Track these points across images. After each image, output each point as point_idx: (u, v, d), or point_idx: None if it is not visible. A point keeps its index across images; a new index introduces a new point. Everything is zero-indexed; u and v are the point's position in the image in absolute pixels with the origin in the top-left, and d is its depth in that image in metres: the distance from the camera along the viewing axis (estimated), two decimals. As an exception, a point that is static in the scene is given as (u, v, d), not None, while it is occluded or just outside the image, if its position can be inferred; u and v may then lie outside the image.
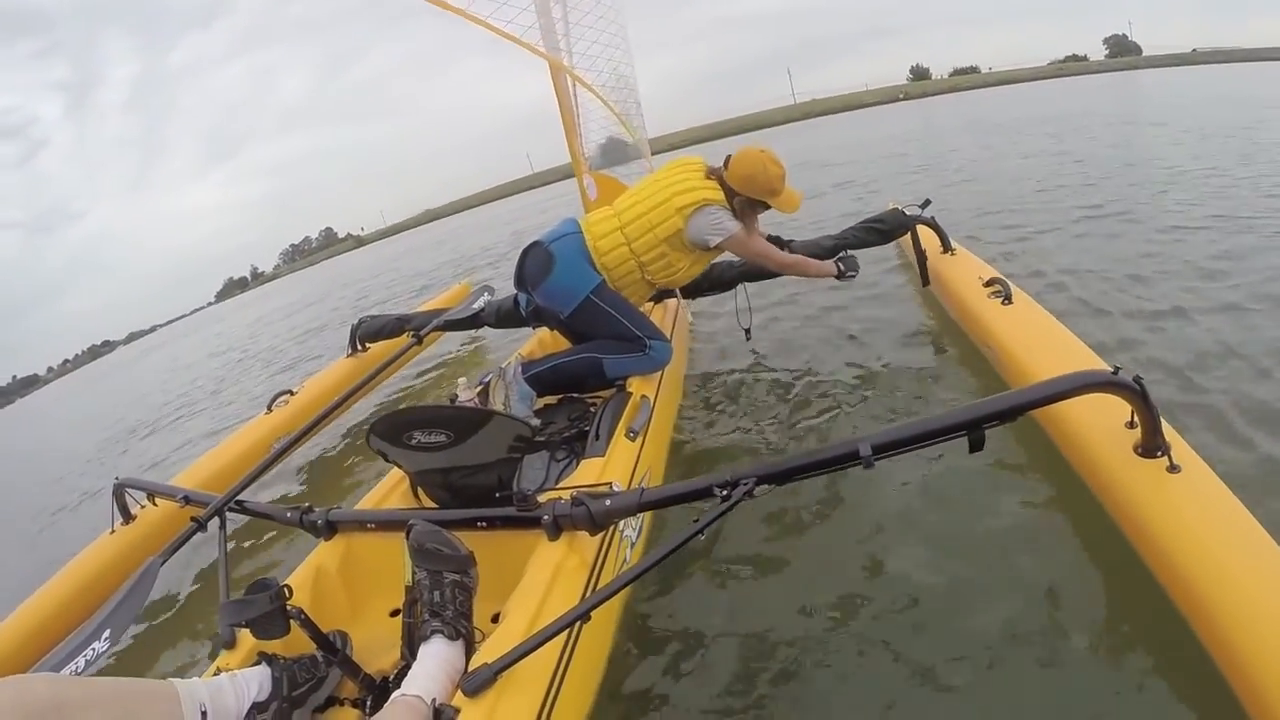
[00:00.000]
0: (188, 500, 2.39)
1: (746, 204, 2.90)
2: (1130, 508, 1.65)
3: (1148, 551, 1.60)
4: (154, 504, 2.79)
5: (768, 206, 2.94)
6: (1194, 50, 68.60)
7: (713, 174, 2.92)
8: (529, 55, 3.75)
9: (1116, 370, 1.57)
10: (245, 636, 1.61)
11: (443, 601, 1.45)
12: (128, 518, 2.89)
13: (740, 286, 3.59)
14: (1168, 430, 1.67)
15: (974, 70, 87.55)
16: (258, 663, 1.55)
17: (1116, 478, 1.71)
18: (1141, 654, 1.61)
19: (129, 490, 2.85)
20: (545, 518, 1.68)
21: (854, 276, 3.27)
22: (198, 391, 9.33)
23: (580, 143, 3.93)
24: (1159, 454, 1.64)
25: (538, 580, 1.55)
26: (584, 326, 2.82)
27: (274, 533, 3.05)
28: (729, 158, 2.90)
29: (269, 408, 3.86)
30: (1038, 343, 2.53)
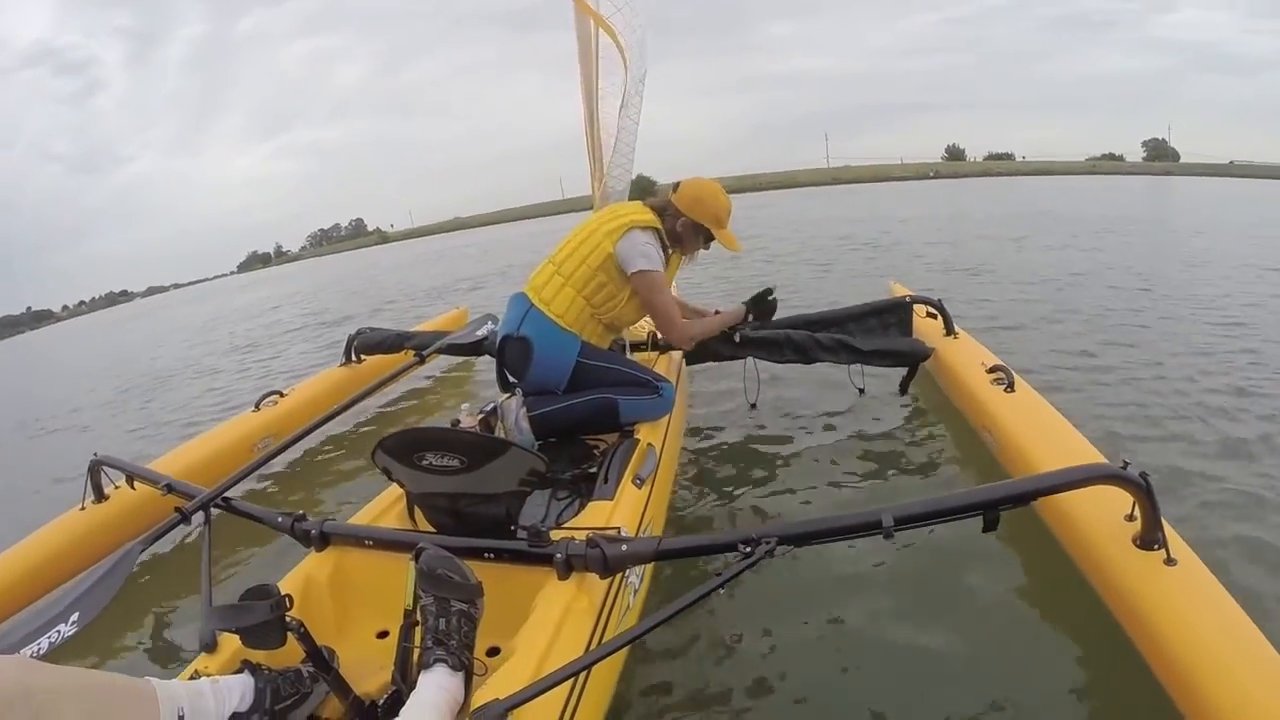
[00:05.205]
0: (171, 489, 2.33)
1: (690, 228, 2.92)
2: (1128, 597, 1.70)
3: (1144, 641, 1.65)
4: (131, 486, 2.70)
5: (711, 238, 2.97)
6: (1231, 162, 69.58)
7: (653, 205, 2.94)
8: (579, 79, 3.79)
9: (1125, 465, 1.63)
10: (226, 641, 1.56)
11: (448, 630, 1.40)
12: (100, 496, 2.81)
13: (750, 359, 3.55)
14: (1164, 524, 1.72)
15: (1009, 157, 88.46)
16: (239, 670, 1.49)
17: (1115, 567, 1.76)
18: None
19: (105, 468, 2.77)
20: (558, 556, 1.65)
21: (759, 326, 3.33)
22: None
23: (604, 174, 3.92)
24: (1156, 547, 1.70)
25: (547, 619, 1.52)
26: (586, 388, 2.78)
27: (252, 534, 2.93)
28: (679, 183, 2.94)
29: (256, 406, 3.79)
30: (1039, 433, 2.58)
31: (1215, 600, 1.59)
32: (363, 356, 4.44)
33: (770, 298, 3.36)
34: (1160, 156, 79.89)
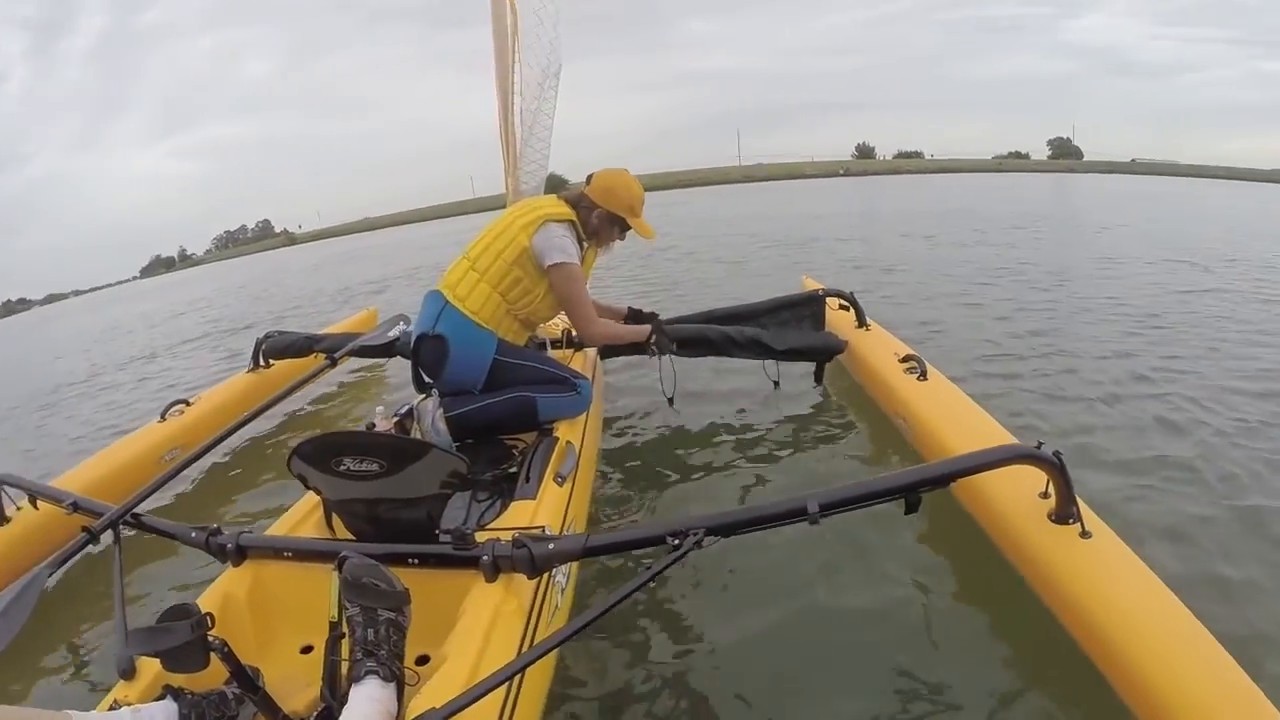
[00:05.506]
0: (77, 507, 2.19)
1: (605, 219, 2.91)
2: (1047, 571, 1.79)
3: (1064, 611, 1.74)
4: (34, 506, 2.55)
5: (627, 227, 2.97)
6: (1133, 160, 73.19)
7: (567, 198, 2.93)
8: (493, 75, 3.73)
9: (1040, 445, 1.72)
10: (146, 665, 1.48)
11: (377, 640, 1.36)
12: (1, 518, 2.65)
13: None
14: (1078, 500, 1.81)
15: (917, 155, 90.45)
16: (161, 696, 1.42)
17: (1033, 543, 1.85)
18: (1060, 708, 1.75)
19: (6, 488, 2.62)
20: (484, 558, 1.62)
21: (661, 354, 3.30)
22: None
23: (518, 172, 3.89)
24: (1072, 521, 1.79)
25: (477, 623, 1.50)
26: (503, 387, 2.75)
27: (164, 551, 2.78)
28: (592, 175, 2.95)
29: (162, 416, 3.63)
30: (952, 417, 2.69)
31: (1131, 568, 1.69)
32: (271, 361, 4.30)
33: (668, 325, 3.39)
34: (1064, 154, 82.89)
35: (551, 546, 1.63)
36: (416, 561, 1.73)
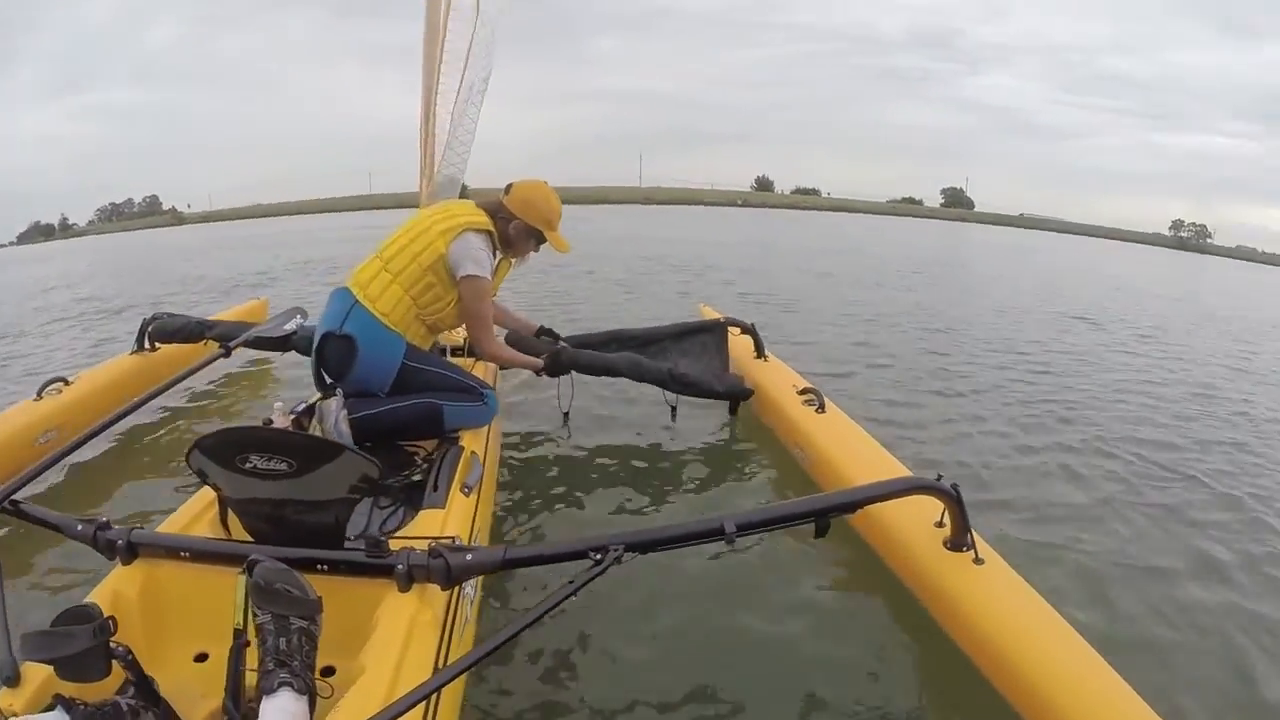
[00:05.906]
0: None
1: (523, 231, 2.91)
2: (942, 595, 1.95)
3: (958, 630, 1.88)
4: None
5: (543, 239, 2.97)
6: (1022, 214, 77.47)
7: (485, 206, 2.91)
8: (404, 74, 3.68)
9: (939, 477, 1.87)
10: (31, 672, 1.35)
11: (289, 650, 1.31)
12: None
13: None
14: (971, 529, 1.95)
15: (815, 192, 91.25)
16: (51, 707, 1.29)
17: (929, 569, 2.00)
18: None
19: None
20: (399, 567, 1.58)
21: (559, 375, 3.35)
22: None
23: (435, 175, 3.82)
24: (966, 549, 1.94)
25: (393, 635, 1.45)
26: (409, 392, 2.71)
27: (37, 544, 2.56)
28: (511, 185, 2.95)
29: (38, 394, 3.39)
30: (849, 450, 2.81)
31: (1019, 591, 1.85)
32: (158, 345, 4.10)
33: (576, 347, 3.44)
34: (956, 204, 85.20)
35: (469, 557, 1.62)
36: (326, 568, 1.66)
